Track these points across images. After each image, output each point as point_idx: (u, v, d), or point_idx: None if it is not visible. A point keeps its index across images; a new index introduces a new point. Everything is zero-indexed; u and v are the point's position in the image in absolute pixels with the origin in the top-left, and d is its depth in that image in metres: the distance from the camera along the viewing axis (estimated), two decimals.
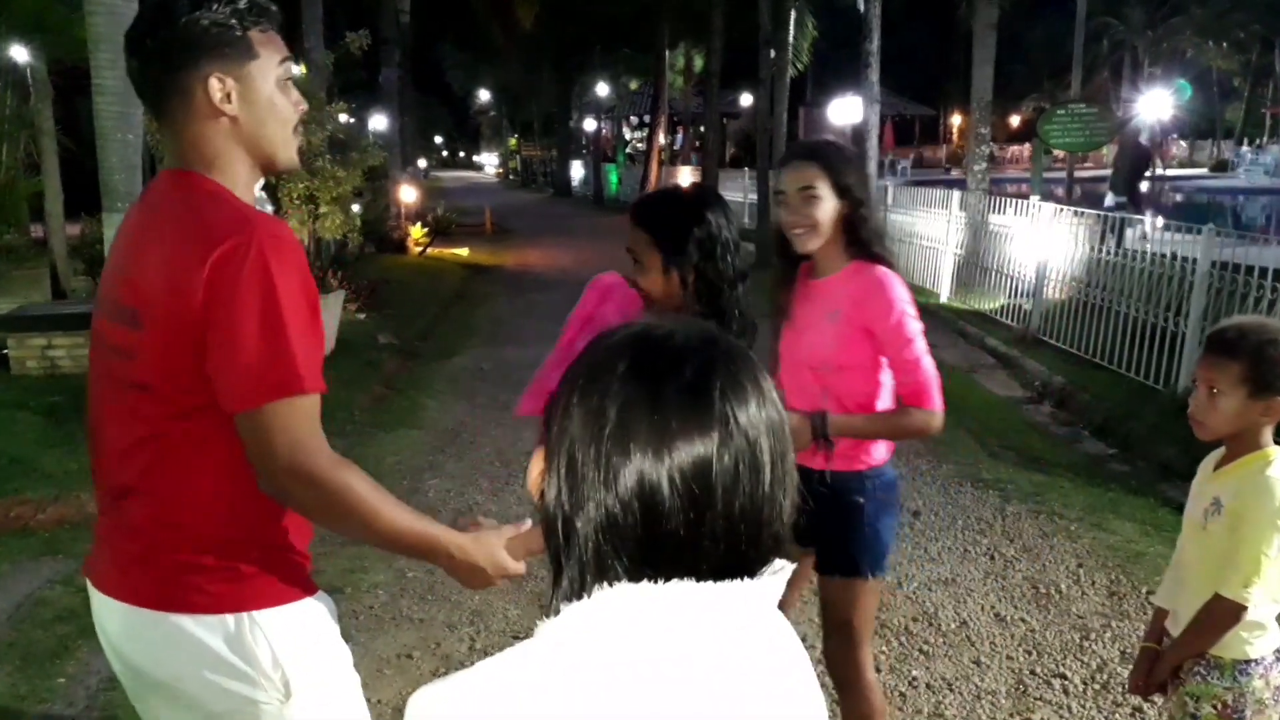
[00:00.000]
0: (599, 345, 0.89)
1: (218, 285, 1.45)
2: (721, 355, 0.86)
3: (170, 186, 1.61)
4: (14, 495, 5.19)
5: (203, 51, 1.55)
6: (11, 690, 3.49)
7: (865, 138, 10.53)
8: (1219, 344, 2.16)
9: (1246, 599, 2.08)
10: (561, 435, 0.85)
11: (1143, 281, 7.56)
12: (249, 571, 1.57)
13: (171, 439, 1.54)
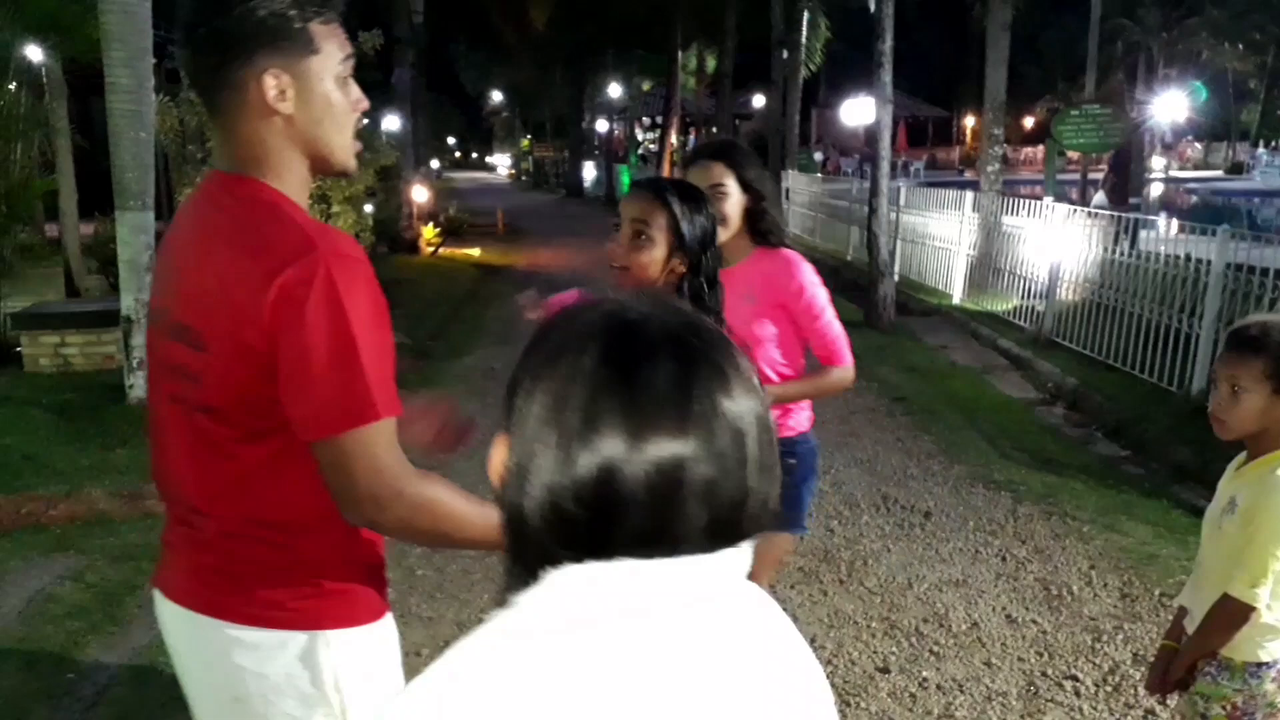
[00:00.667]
0: (567, 323, 0.83)
1: (285, 312, 1.37)
2: (704, 342, 0.81)
3: (225, 193, 1.51)
4: (25, 491, 5.21)
5: (258, 44, 1.44)
6: (22, 686, 3.50)
7: (878, 138, 10.48)
8: (1242, 341, 2.13)
9: (1254, 599, 2.06)
10: (522, 417, 0.80)
11: (1157, 283, 7.52)
12: (329, 589, 1.53)
13: (245, 462, 1.47)
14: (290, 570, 1.51)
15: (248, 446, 1.47)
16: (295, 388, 1.39)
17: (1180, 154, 43.00)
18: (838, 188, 17.88)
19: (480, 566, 4.45)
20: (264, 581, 1.50)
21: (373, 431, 1.41)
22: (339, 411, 1.39)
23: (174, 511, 1.60)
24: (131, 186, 6.14)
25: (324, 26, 1.49)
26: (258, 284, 1.37)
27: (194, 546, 1.55)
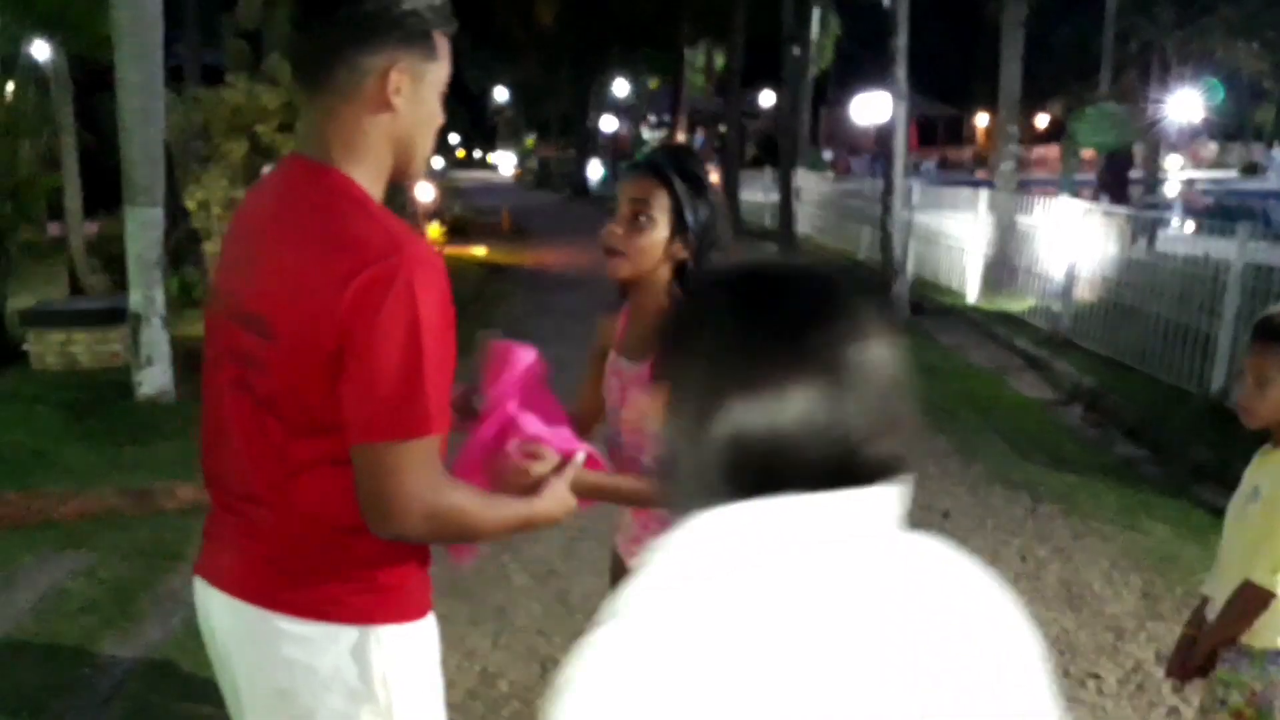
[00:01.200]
0: (730, 283, 0.90)
1: (360, 312, 1.37)
2: (857, 296, 0.87)
3: (309, 182, 1.50)
4: (35, 488, 5.20)
5: (393, 37, 1.46)
6: (38, 680, 3.50)
7: (893, 135, 10.43)
8: (1270, 331, 2.15)
9: (1275, 585, 2.07)
10: (696, 369, 0.85)
11: (1175, 283, 7.47)
12: (381, 584, 1.53)
13: (300, 456, 1.47)
14: (343, 565, 1.50)
15: (297, 443, 1.46)
16: (357, 385, 1.39)
17: (1195, 154, 42.85)
18: (849, 187, 17.85)
19: (493, 565, 4.42)
20: (317, 575, 1.50)
21: (419, 446, 1.40)
22: (393, 420, 1.39)
23: (222, 499, 1.59)
24: (141, 182, 6.12)
25: (444, 39, 1.53)
26: (338, 281, 1.37)
27: (246, 535, 1.54)
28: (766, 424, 0.80)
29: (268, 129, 9.53)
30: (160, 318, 6.27)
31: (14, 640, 3.76)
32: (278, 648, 1.51)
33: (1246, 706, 2.15)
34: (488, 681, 3.55)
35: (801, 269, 0.89)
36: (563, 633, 3.85)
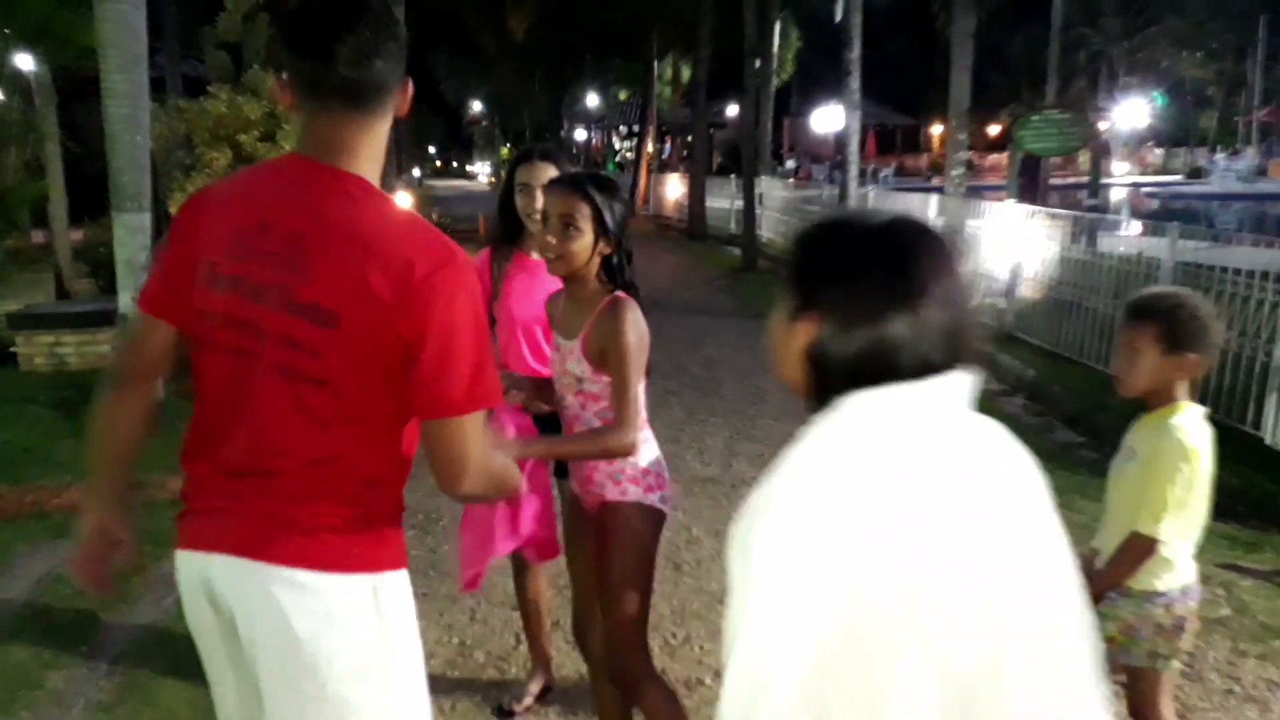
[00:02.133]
0: (860, 231, 1.21)
1: (438, 306, 1.58)
2: (940, 237, 1.19)
3: (336, 187, 1.64)
4: (29, 482, 5.38)
5: (401, 60, 1.67)
6: (37, 658, 3.66)
7: (846, 145, 10.80)
8: (1136, 309, 2.42)
9: (1158, 533, 2.34)
10: (843, 297, 1.16)
11: (1112, 279, 7.84)
12: (386, 536, 1.72)
13: (341, 430, 1.63)
14: (359, 521, 1.67)
15: (341, 417, 1.62)
16: (437, 366, 1.59)
17: (1141, 159, 43.66)
18: (808, 193, 18.22)
19: None
20: (336, 531, 1.65)
21: (484, 416, 1.66)
22: (472, 395, 1.62)
23: (233, 473, 1.68)
24: (128, 189, 6.29)
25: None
26: (415, 280, 1.57)
27: (264, 502, 1.66)
28: (900, 332, 1.12)
29: (250, 138, 9.75)
30: None
31: (12, 623, 3.93)
32: (299, 600, 1.62)
33: (1119, 634, 2.45)
34: (466, 652, 3.78)
35: (917, 227, 1.20)
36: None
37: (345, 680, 1.66)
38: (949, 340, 1.14)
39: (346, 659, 1.65)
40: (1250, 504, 5.32)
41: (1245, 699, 3.44)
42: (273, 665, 1.66)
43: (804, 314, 1.18)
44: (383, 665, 1.69)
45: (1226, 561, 4.55)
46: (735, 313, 8.87)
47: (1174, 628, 2.44)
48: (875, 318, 1.13)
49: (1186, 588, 2.45)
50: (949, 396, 1.15)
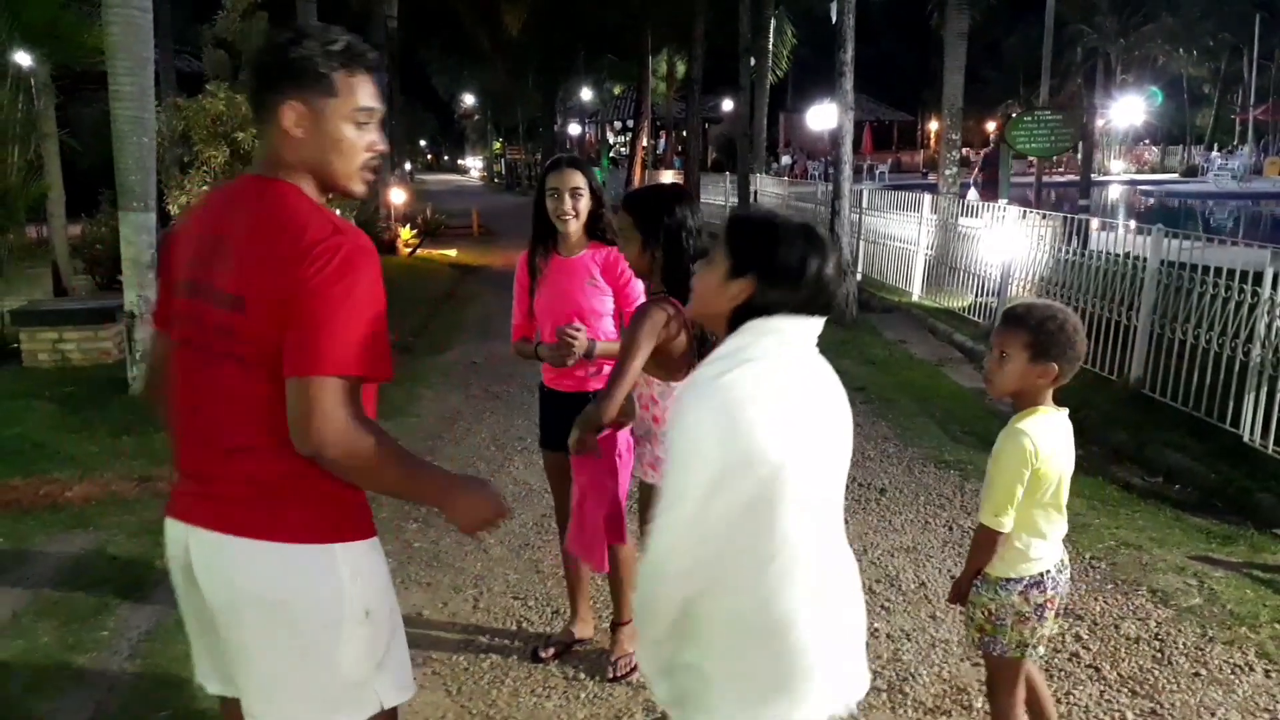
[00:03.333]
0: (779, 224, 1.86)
1: (308, 274, 1.72)
2: (822, 234, 1.88)
3: (258, 192, 1.85)
4: (41, 475, 5.53)
5: (285, 80, 1.81)
6: (60, 641, 3.82)
7: (840, 143, 10.94)
8: (1010, 317, 2.59)
9: (998, 525, 2.56)
10: (770, 255, 1.80)
11: (1099, 279, 8.00)
12: (345, 509, 1.88)
13: (271, 401, 1.77)
14: (313, 491, 1.83)
15: (276, 393, 1.76)
16: (295, 329, 1.73)
17: (1137, 157, 43.82)
18: (804, 190, 18.35)
19: (472, 540, 4.83)
20: (293, 503, 1.83)
21: (335, 382, 1.73)
22: (327, 359, 1.72)
23: (198, 451, 1.89)
24: (135, 189, 6.45)
25: (350, 77, 1.84)
26: (297, 256, 1.73)
27: (226, 480, 1.85)
28: (797, 281, 1.78)
29: (248, 136, 9.83)
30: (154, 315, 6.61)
31: (35, 608, 4.08)
32: (266, 569, 1.81)
33: (985, 622, 2.67)
34: (468, 640, 3.92)
35: (811, 227, 1.85)
36: (536, 597, 4.26)
37: (317, 632, 1.85)
38: (821, 296, 1.81)
39: (320, 621, 1.83)
40: (1227, 499, 5.50)
41: (1211, 682, 3.60)
42: (248, 626, 1.84)
43: (741, 275, 1.79)
44: (350, 630, 1.86)
45: (1200, 554, 4.71)
46: None
47: (1034, 614, 2.63)
48: (787, 280, 1.78)
49: (1041, 576, 2.63)
50: (815, 330, 1.83)
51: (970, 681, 3.60)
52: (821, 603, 1.80)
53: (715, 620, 1.77)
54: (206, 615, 1.92)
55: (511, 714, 3.40)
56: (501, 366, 8.24)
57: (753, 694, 1.78)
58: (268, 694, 1.89)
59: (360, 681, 1.90)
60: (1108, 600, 4.25)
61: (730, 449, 1.68)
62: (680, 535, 1.72)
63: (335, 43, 1.83)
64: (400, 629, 2.02)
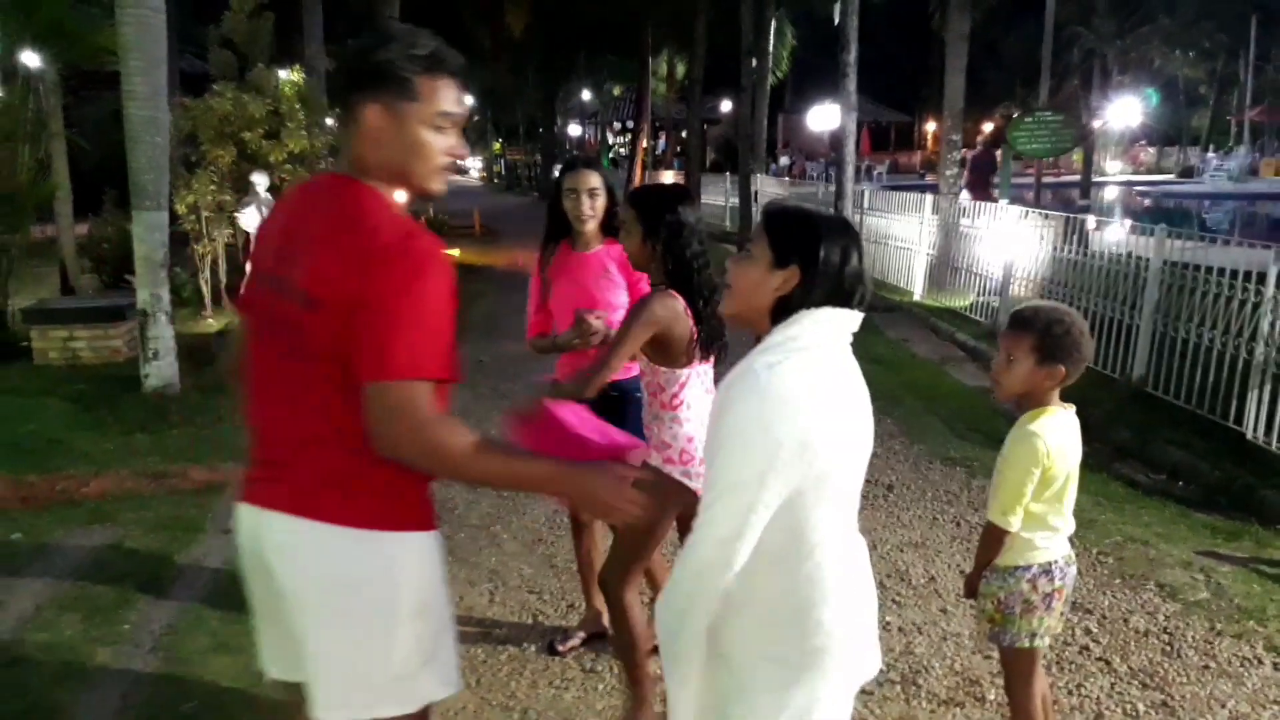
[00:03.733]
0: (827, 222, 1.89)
1: (379, 278, 1.75)
2: (852, 227, 1.94)
3: (337, 191, 1.89)
4: (57, 472, 5.57)
5: (370, 82, 1.84)
6: (84, 634, 3.87)
7: (843, 144, 11.00)
8: (1018, 321, 2.64)
9: (1007, 524, 2.62)
10: (816, 250, 1.83)
11: (1101, 279, 8.06)
12: (410, 500, 1.91)
13: (340, 395, 1.81)
14: (380, 481, 1.86)
15: (348, 386, 1.79)
16: (365, 332, 1.75)
17: (1134, 158, 43.92)
18: (804, 191, 18.44)
19: (486, 534, 4.89)
20: (361, 491, 1.87)
21: (410, 385, 1.75)
22: (397, 364, 1.74)
23: (272, 439, 1.95)
24: (148, 188, 6.48)
25: (432, 81, 1.87)
26: (371, 258, 1.77)
27: (297, 466, 1.89)
28: (841, 270, 1.83)
29: (254, 136, 9.90)
30: (166, 314, 6.66)
31: (57, 602, 4.12)
32: (337, 552, 1.85)
33: (995, 611, 2.73)
34: (485, 633, 3.97)
35: (844, 220, 1.94)
36: (550, 591, 4.31)
37: (374, 620, 1.89)
38: (860, 288, 1.86)
39: (376, 607, 1.87)
40: (1231, 495, 5.56)
41: (1220, 674, 3.67)
42: (312, 607, 1.89)
43: (784, 265, 1.83)
44: (405, 619, 1.91)
45: (1206, 549, 4.78)
46: None
47: (1041, 603, 2.69)
48: (830, 271, 1.82)
49: (1049, 566, 2.69)
50: (856, 323, 1.87)
51: (982, 674, 3.65)
52: (846, 584, 1.85)
53: (750, 605, 1.81)
54: (273, 600, 1.97)
55: (530, 705, 3.45)
56: (509, 365, 8.28)
57: (781, 676, 1.82)
58: (324, 679, 1.93)
59: (409, 674, 1.93)
60: (1116, 595, 4.31)
61: (788, 436, 1.72)
62: (738, 524, 1.74)
63: (419, 47, 1.86)
64: (450, 625, 2.05)
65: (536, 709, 3.43)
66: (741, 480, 1.73)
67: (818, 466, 1.75)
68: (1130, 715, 3.42)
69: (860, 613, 1.91)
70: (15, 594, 4.20)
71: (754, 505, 1.73)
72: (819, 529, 1.79)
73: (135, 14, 6.29)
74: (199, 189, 9.71)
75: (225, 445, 6.13)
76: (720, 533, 1.75)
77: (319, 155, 10.51)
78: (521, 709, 3.42)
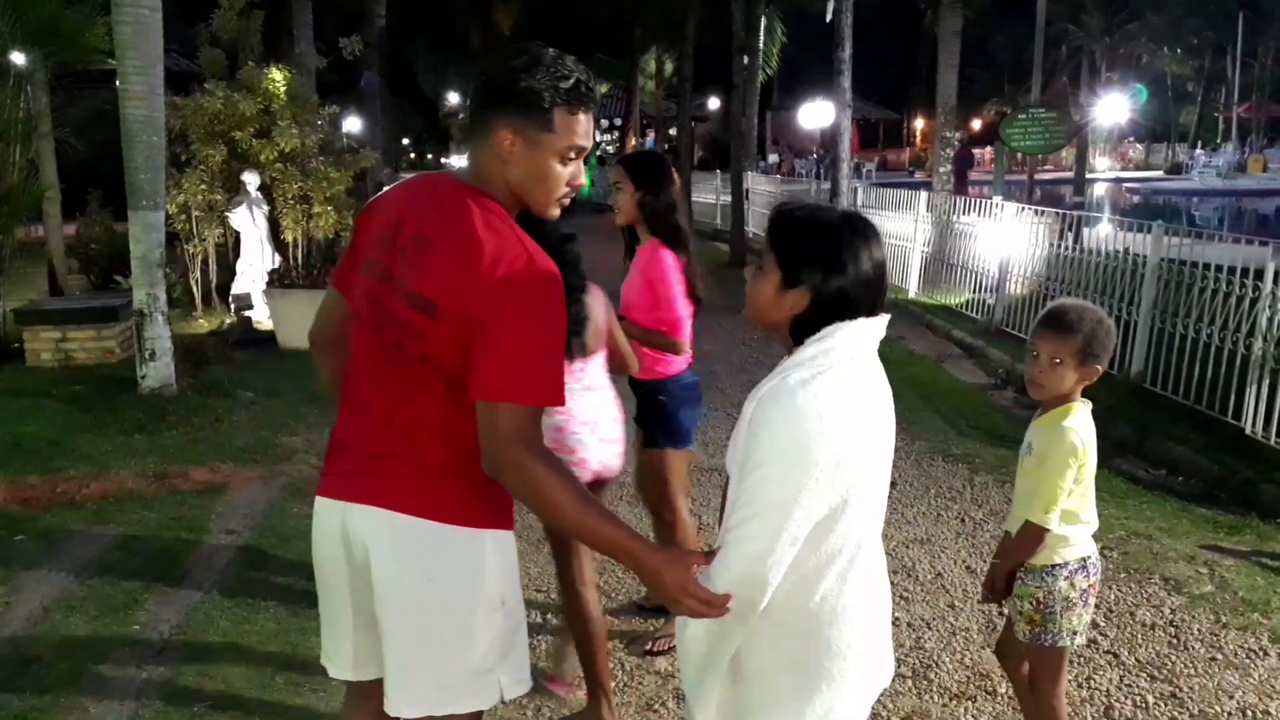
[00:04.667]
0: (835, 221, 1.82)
1: (501, 299, 1.79)
2: (872, 225, 1.85)
3: (464, 201, 1.91)
4: (58, 473, 5.54)
5: (509, 105, 1.87)
6: (94, 633, 3.86)
7: (838, 142, 11.02)
8: (1061, 324, 2.60)
9: (1047, 522, 2.62)
10: (829, 258, 1.78)
11: (1098, 275, 8.10)
12: (497, 500, 1.95)
13: (446, 398, 1.88)
14: (472, 478, 1.88)
15: (456, 391, 1.85)
16: (480, 349, 1.80)
17: (1123, 154, 44.14)
18: (797, 189, 18.47)
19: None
20: (454, 487, 1.92)
21: (522, 409, 1.79)
22: (504, 386, 1.79)
23: (371, 429, 1.97)
24: (145, 187, 6.45)
25: (569, 115, 1.89)
26: (493, 278, 1.81)
27: (394, 459, 1.94)
28: (856, 285, 1.77)
29: (245, 135, 9.86)
30: (163, 314, 6.62)
31: (65, 602, 4.10)
32: (427, 545, 1.91)
33: (1034, 612, 2.72)
34: None
35: (861, 219, 1.84)
36: (556, 591, 4.31)
37: (459, 614, 1.94)
38: (878, 292, 1.81)
39: (465, 604, 1.93)
40: (1231, 490, 5.60)
41: (1226, 666, 3.69)
42: (397, 600, 1.94)
43: (794, 285, 1.78)
44: (485, 615, 1.94)
45: (1209, 543, 4.81)
46: (726, 308, 9.09)
47: (1080, 600, 2.70)
48: (845, 281, 1.76)
49: (1084, 561, 2.71)
50: (882, 330, 1.82)
51: (992, 668, 3.67)
52: (867, 595, 1.85)
53: (771, 616, 1.79)
54: (356, 595, 2.01)
55: (543, 703, 3.45)
56: None
57: (804, 686, 1.82)
58: (405, 673, 1.96)
59: (487, 669, 1.97)
60: (1122, 589, 4.34)
61: (824, 454, 1.70)
62: (771, 541, 1.71)
63: (566, 79, 1.87)
64: (524, 622, 2.08)
65: (550, 706, 3.44)
66: (778, 499, 1.71)
67: (851, 482, 1.74)
68: (1140, 707, 3.44)
69: (879, 623, 1.92)
70: (23, 595, 4.18)
71: (788, 524, 1.71)
72: (847, 542, 1.79)
73: (133, 13, 6.26)
74: (189, 188, 9.66)
75: (225, 446, 6.12)
76: (753, 549, 1.72)
77: (310, 154, 10.48)
78: (534, 707, 3.42)
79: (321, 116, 10.90)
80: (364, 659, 2.08)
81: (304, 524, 2.83)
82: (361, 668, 2.09)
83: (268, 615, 4.04)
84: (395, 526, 1.93)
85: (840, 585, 1.79)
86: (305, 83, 11.59)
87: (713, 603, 1.73)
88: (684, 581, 1.75)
